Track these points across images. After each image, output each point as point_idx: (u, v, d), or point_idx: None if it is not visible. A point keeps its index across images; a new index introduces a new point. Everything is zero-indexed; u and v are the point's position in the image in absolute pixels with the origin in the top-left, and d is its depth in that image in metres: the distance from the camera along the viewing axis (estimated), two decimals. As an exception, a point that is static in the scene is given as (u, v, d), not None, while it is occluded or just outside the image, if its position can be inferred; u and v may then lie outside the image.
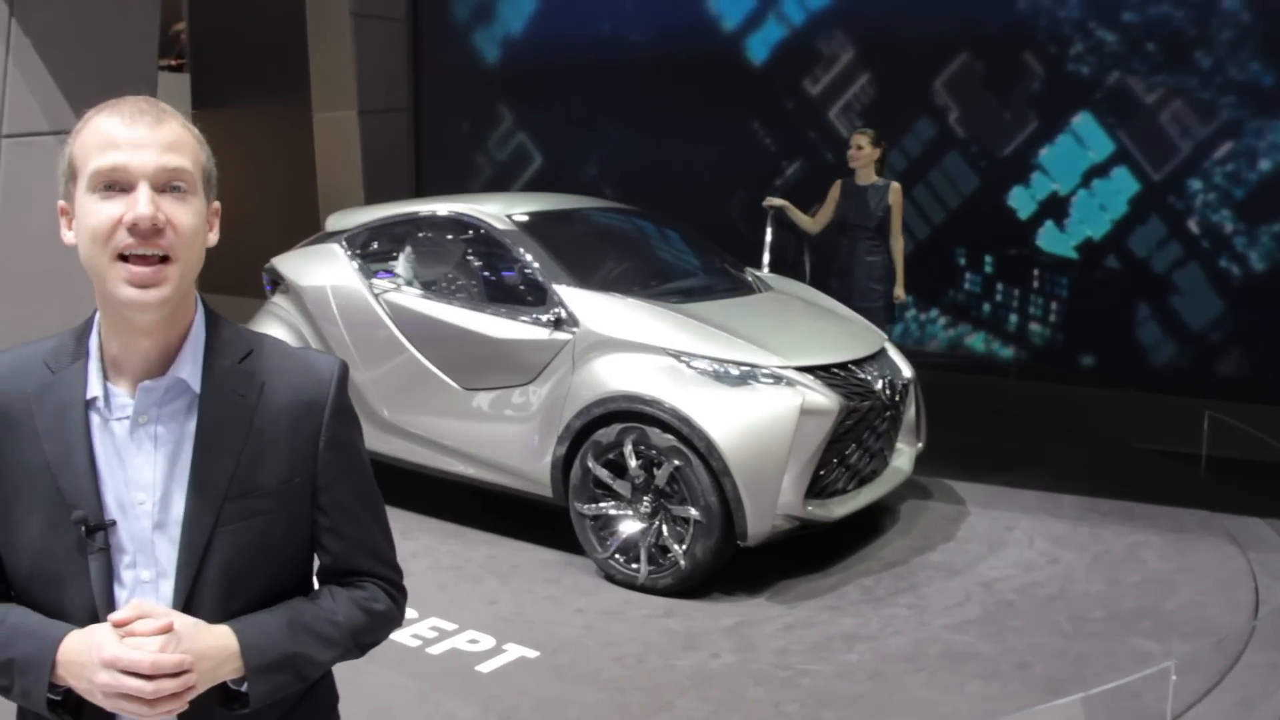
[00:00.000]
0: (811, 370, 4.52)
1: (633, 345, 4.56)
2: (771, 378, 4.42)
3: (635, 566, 4.48)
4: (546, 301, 4.83)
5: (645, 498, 4.49)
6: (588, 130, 8.88)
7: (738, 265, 5.81)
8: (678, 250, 5.92)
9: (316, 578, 1.51)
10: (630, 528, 4.52)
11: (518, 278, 5.04)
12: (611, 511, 4.56)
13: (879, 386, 4.78)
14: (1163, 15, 6.75)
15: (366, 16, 9.03)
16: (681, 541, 4.37)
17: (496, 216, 5.22)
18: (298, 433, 1.41)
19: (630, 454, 4.46)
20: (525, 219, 5.24)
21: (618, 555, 4.52)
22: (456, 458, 5.08)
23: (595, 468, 4.55)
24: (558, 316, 4.75)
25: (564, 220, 5.56)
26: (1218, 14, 6.59)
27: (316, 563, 1.50)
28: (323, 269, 5.58)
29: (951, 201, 7.60)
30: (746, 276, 5.66)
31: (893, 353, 5.23)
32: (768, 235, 6.37)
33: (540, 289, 4.89)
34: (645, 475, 4.47)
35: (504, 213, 5.25)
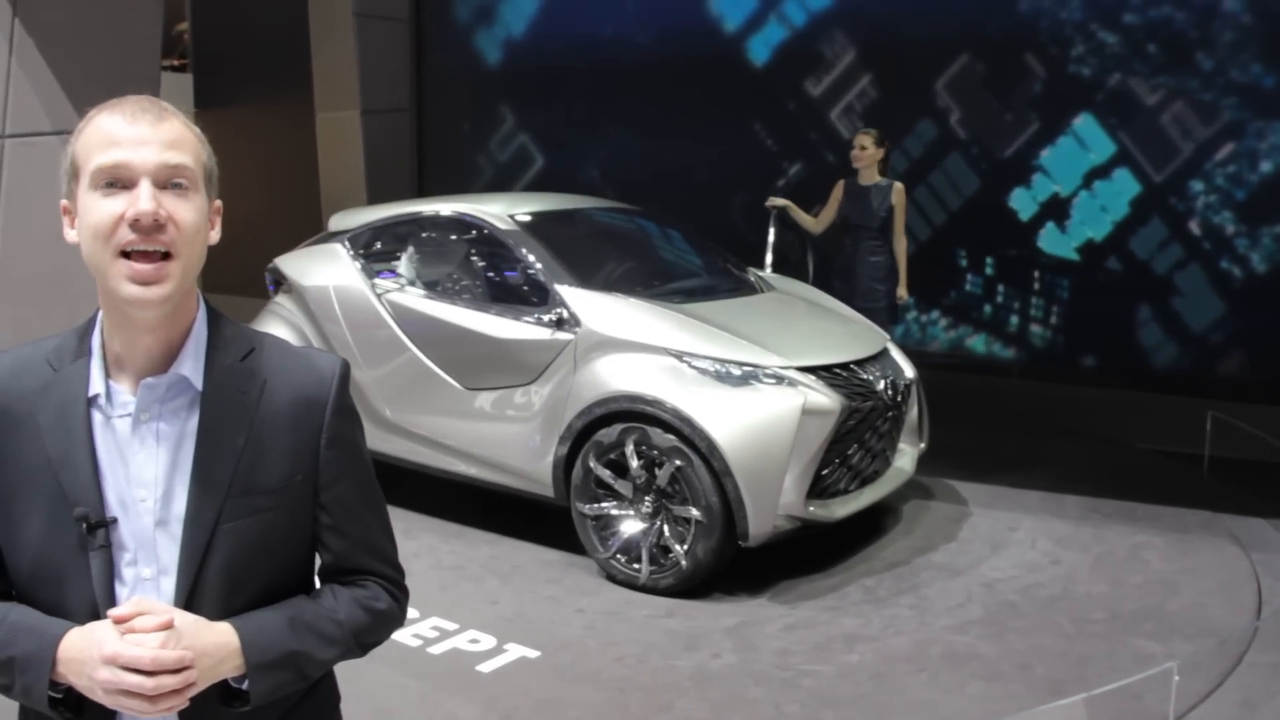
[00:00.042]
0: (813, 370, 4.52)
1: (634, 345, 4.56)
2: (773, 378, 4.42)
3: (637, 567, 4.48)
4: (548, 301, 4.83)
5: (647, 498, 4.49)
6: (589, 132, 8.88)
7: (740, 265, 5.80)
8: (680, 250, 5.92)
9: (318, 576, 1.51)
10: (632, 528, 4.52)
11: (520, 278, 5.04)
12: (613, 511, 4.56)
13: (881, 387, 4.77)
14: (1164, 17, 6.75)
15: (369, 17, 9.03)
16: (683, 542, 4.37)
17: (499, 216, 5.22)
18: (299, 430, 1.41)
19: (632, 454, 4.46)
20: (528, 219, 5.24)
21: (619, 555, 4.53)
22: (458, 457, 5.09)
23: (597, 468, 4.55)
24: (559, 316, 4.76)
25: (566, 220, 5.56)
26: (1219, 15, 6.58)
27: (318, 561, 1.50)
28: (325, 269, 5.58)
29: (953, 203, 7.60)
30: (749, 277, 5.65)
31: (895, 353, 5.22)
32: (770, 235, 6.35)
33: (542, 289, 4.89)
34: (647, 475, 4.47)
35: (506, 213, 5.26)
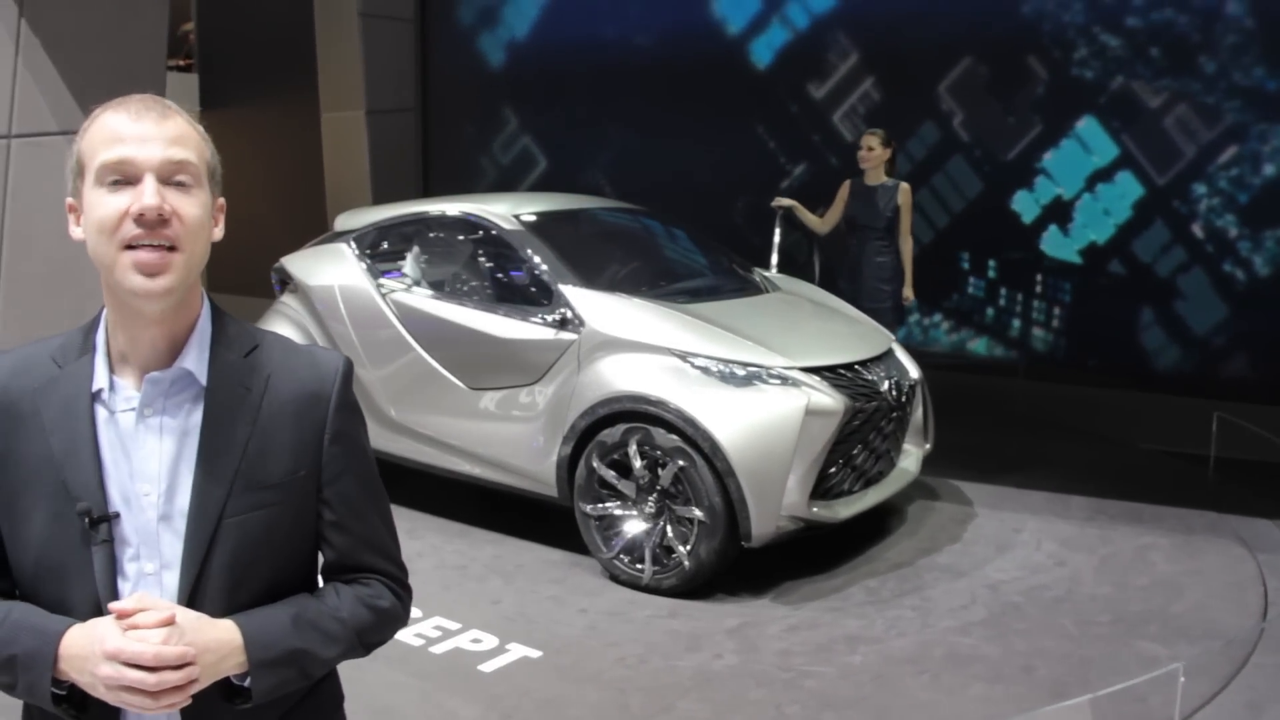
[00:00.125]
0: (817, 371, 4.52)
1: (638, 345, 4.56)
2: (777, 378, 4.42)
3: (640, 567, 4.48)
4: (552, 301, 4.84)
5: (650, 498, 4.49)
6: (592, 134, 8.88)
7: (745, 265, 5.80)
8: (685, 250, 5.91)
9: (321, 575, 1.51)
10: (635, 528, 4.52)
11: (524, 278, 5.04)
12: (616, 512, 4.56)
13: (885, 387, 4.77)
14: (1167, 20, 6.74)
15: (374, 17, 9.03)
16: (686, 542, 4.37)
17: (503, 216, 5.22)
18: (302, 425, 1.41)
19: (635, 454, 4.46)
20: (532, 219, 5.25)
21: (622, 555, 4.53)
22: (463, 457, 5.09)
23: (600, 468, 4.55)
24: (563, 316, 4.76)
25: (571, 220, 5.56)
26: (1221, 19, 6.57)
27: (321, 560, 1.50)
28: (331, 269, 5.59)
29: (955, 205, 7.59)
30: (754, 277, 5.65)
31: (900, 353, 5.21)
32: (776, 235, 6.33)
33: (546, 289, 4.89)
34: (650, 475, 4.47)
35: (511, 213, 5.26)
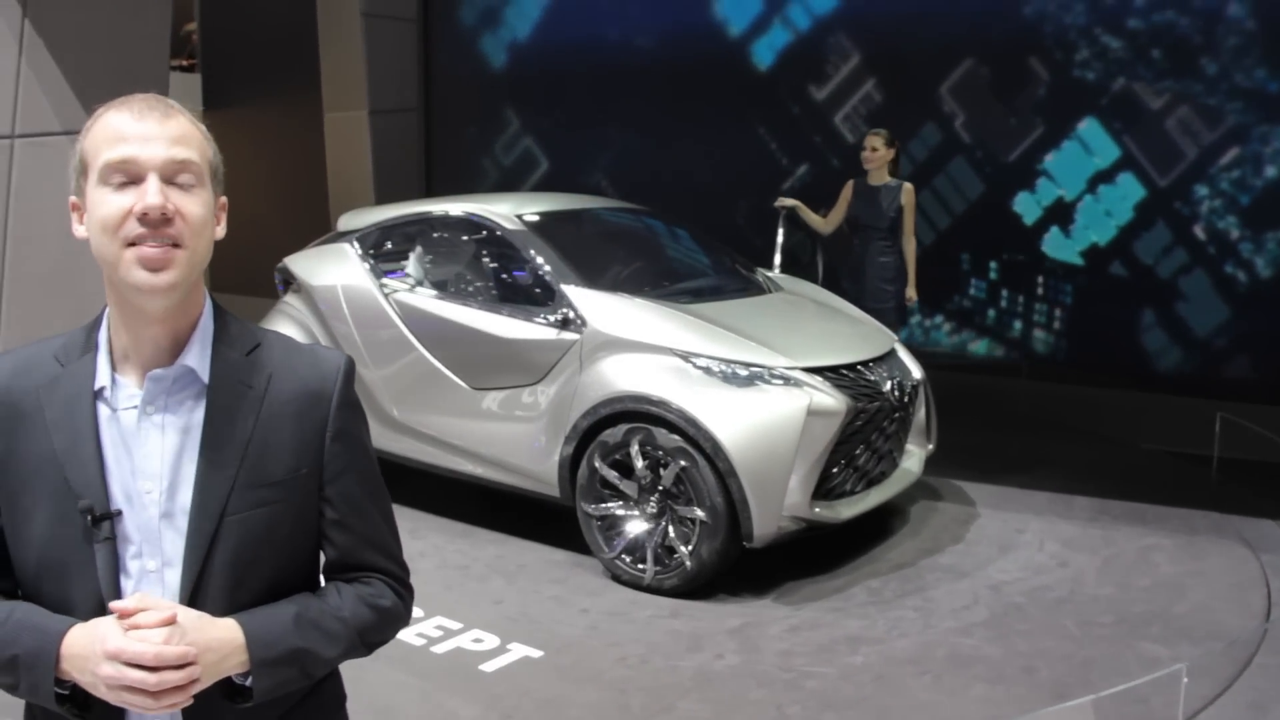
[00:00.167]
0: (819, 371, 4.52)
1: (640, 345, 4.56)
2: (779, 378, 4.42)
3: (642, 567, 4.48)
4: (555, 301, 4.84)
5: (652, 498, 4.49)
6: (594, 135, 8.88)
7: (748, 265, 5.80)
8: (688, 250, 5.91)
9: (323, 574, 1.51)
10: (637, 528, 4.52)
11: (527, 278, 5.05)
12: (618, 512, 4.57)
13: (888, 388, 4.76)
14: (1168, 21, 6.73)
15: (377, 16, 9.04)
16: (688, 542, 4.37)
17: (506, 216, 5.23)
18: (304, 423, 1.42)
19: (637, 454, 4.47)
20: (535, 219, 5.25)
21: (624, 555, 4.53)
22: (465, 457, 5.09)
23: (602, 468, 4.56)
24: (565, 316, 4.76)
25: (573, 220, 5.57)
26: (1223, 20, 6.57)
27: (323, 559, 1.50)
28: (334, 269, 5.60)
29: (957, 207, 7.58)
30: (757, 277, 5.65)
31: (903, 354, 5.21)
32: (779, 235, 6.34)
33: (549, 289, 4.89)
34: (652, 476, 4.47)
35: (514, 213, 5.26)
